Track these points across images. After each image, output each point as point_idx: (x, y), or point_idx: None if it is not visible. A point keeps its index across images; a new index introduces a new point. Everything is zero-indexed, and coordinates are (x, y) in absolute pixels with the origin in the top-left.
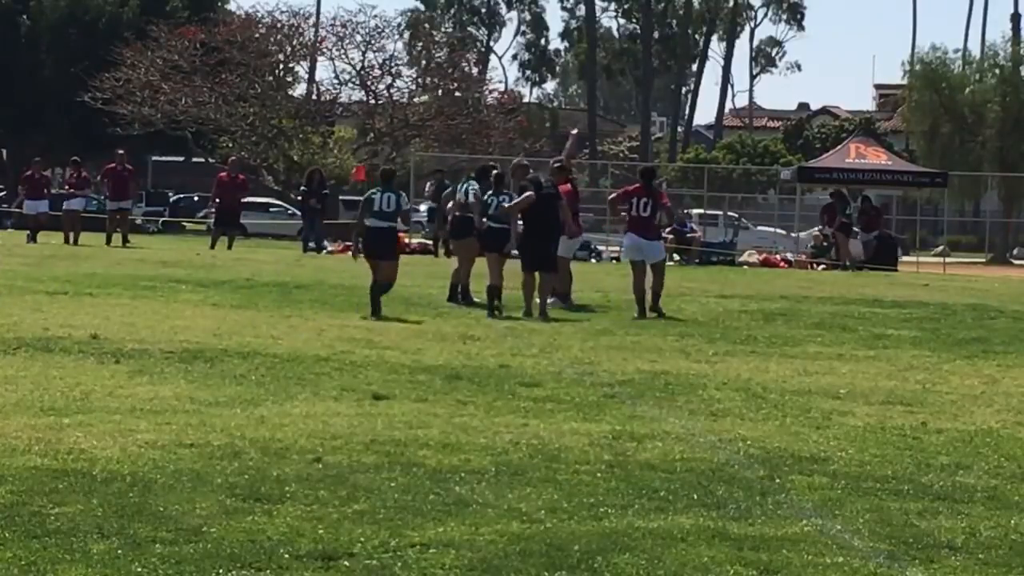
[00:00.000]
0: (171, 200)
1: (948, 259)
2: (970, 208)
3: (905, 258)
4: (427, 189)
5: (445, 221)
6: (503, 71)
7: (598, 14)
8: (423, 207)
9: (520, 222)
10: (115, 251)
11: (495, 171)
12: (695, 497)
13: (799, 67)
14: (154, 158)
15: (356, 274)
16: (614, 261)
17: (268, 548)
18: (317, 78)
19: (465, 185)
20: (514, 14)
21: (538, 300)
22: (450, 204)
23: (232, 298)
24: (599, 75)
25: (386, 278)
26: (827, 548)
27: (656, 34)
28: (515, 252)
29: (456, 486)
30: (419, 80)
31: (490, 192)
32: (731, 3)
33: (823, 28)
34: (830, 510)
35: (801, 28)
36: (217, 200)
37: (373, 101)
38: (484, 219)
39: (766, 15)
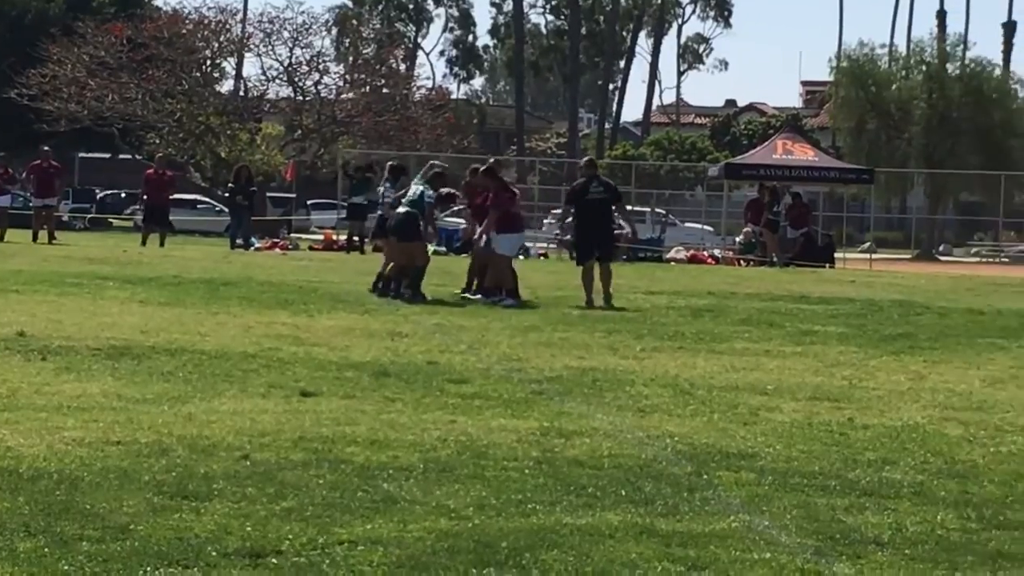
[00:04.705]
0: (98, 197)
1: (874, 255)
2: (896, 204)
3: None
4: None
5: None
6: (431, 67)
7: (526, 10)
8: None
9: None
10: (41, 248)
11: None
12: (623, 493)
13: (726, 64)
14: (81, 155)
15: (283, 271)
16: (542, 258)
17: (196, 546)
18: (244, 74)
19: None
20: (442, 10)
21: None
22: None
23: (159, 295)
24: (527, 71)
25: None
26: (754, 544)
27: (584, 30)
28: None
29: (384, 483)
30: (347, 76)
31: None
32: None
33: (750, 25)
34: (757, 506)
35: (728, 25)
36: (145, 197)
37: (301, 98)
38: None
39: (694, 11)
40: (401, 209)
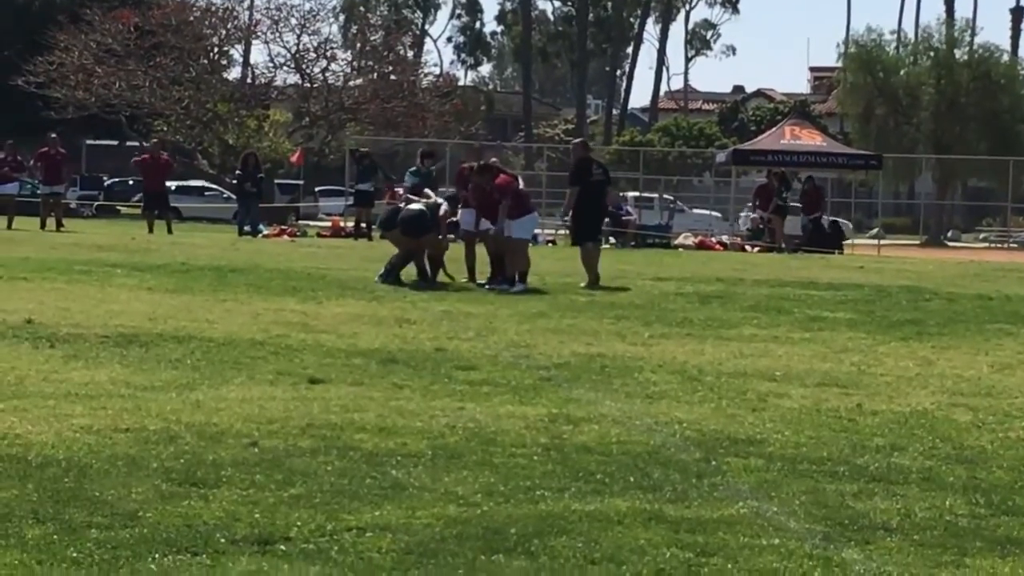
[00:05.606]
0: (105, 184)
1: (883, 241)
2: (904, 190)
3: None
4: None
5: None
6: (438, 54)
7: None
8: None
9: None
10: (49, 235)
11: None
12: (631, 480)
13: (734, 50)
14: (88, 142)
15: (291, 258)
16: (550, 244)
17: (204, 533)
18: (252, 61)
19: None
20: None
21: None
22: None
23: (167, 282)
24: (534, 58)
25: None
26: (763, 530)
27: (591, 16)
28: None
29: (392, 470)
30: (354, 63)
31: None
32: None
33: (758, 10)
34: (766, 492)
35: (736, 11)
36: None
37: (308, 84)
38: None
39: None
40: (415, 206)
